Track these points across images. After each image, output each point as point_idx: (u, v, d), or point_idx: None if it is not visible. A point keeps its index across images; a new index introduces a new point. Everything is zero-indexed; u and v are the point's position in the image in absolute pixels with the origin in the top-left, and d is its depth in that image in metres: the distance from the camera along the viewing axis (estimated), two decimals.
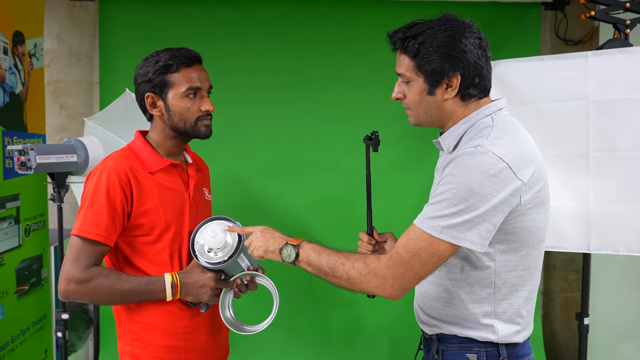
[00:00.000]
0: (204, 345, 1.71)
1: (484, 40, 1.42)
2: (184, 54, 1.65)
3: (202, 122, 1.69)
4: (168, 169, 1.68)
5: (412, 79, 1.43)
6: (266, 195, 3.49)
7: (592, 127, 2.39)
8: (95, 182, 1.57)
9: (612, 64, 2.34)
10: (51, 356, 3.10)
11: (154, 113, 1.68)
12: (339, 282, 1.44)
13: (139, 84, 1.67)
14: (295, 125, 3.57)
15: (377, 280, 1.36)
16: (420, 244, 1.31)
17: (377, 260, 1.38)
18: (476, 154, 1.29)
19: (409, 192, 3.55)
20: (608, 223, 2.41)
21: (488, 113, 1.42)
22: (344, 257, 1.43)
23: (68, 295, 1.55)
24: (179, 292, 1.60)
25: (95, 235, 1.54)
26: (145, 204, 1.61)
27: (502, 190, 1.28)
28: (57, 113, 3.75)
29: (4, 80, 2.65)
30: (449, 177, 1.31)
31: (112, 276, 1.57)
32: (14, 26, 2.75)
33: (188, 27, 3.54)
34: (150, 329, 1.65)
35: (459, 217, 1.28)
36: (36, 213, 2.94)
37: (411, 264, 1.33)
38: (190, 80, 1.64)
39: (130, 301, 1.61)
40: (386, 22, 3.53)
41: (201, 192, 1.80)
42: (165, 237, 1.63)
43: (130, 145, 1.71)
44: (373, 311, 3.59)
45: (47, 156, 2.25)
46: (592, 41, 3.70)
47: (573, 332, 3.79)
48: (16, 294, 2.72)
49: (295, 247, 1.48)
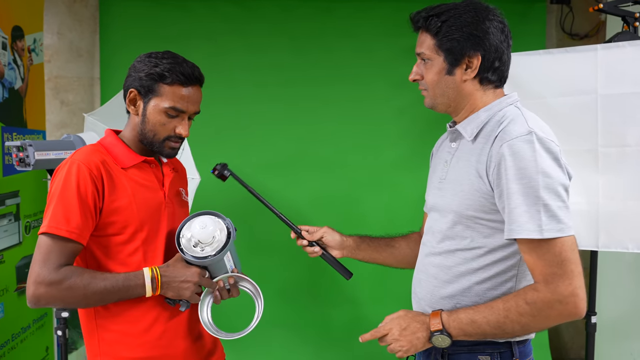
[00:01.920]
0: (182, 351, 1.59)
1: (507, 27, 1.42)
2: (184, 71, 1.54)
3: (170, 142, 1.58)
4: (141, 166, 1.59)
5: (431, 58, 1.41)
6: (268, 192, 3.42)
7: (601, 122, 2.34)
8: (65, 176, 1.45)
9: (621, 58, 2.29)
10: (52, 354, 3.08)
11: (131, 110, 1.59)
12: (513, 334, 1.35)
13: (130, 74, 1.59)
14: (297, 122, 3.54)
15: (556, 310, 1.27)
16: (556, 250, 1.27)
17: (535, 291, 1.29)
18: (535, 140, 1.28)
19: (413, 189, 3.51)
20: (617, 220, 2.37)
21: (510, 102, 1.42)
22: (500, 310, 1.31)
23: (38, 299, 1.41)
24: (159, 287, 1.48)
25: (65, 232, 1.41)
26: (117, 199, 1.50)
27: (565, 173, 1.32)
28: (58, 109, 3.72)
29: (3, 76, 2.62)
30: (519, 172, 1.28)
31: (86, 275, 1.43)
32: (13, 21, 2.72)
33: (189, 22, 3.51)
34: (124, 337, 1.53)
35: (553, 206, 1.27)
36: (36, 210, 2.91)
37: (569, 270, 1.27)
38: (176, 100, 1.54)
39: (108, 301, 1.48)
40: (388, 18, 3.54)
41: (177, 192, 1.69)
42: (138, 236, 1.52)
43: (101, 141, 1.61)
44: (376, 309, 3.56)
45: (45, 152, 2.21)
46: (599, 35, 3.65)
47: (578, 329, 3.75)
48: (16, 291, 2.70)
49: (443, 332, 1.35)
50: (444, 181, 1.48)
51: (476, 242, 1.39)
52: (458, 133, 1.47)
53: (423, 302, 1.51)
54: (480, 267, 1.39)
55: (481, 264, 1.38)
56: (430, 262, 1.50)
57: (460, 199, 1.39)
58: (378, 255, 1.80)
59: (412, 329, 1.39)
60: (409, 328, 1.39)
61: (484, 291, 1.39)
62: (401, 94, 3.49)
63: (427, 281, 1.49)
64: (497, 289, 1.38)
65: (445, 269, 1.44)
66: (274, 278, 3.45)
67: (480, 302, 1.38)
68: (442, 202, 1.47)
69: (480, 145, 1.38)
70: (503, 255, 1.37)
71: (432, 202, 1.55)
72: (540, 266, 1.28)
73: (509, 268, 1.38)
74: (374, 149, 3.54)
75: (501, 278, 1.38)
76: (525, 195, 1.26)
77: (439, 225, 1.47)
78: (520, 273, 1.38)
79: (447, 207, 1.44)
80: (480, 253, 1.38)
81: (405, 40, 3.53)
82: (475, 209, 1.37)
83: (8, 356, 2.60)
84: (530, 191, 1.26)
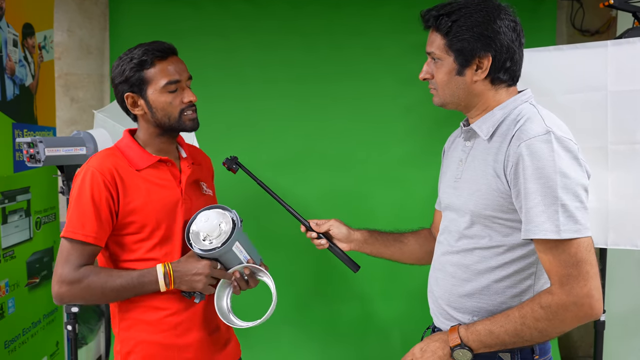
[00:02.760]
0: (197, 341, 1.66)
1: (519, 25, 1.39)
2: (157, 47, 1.59)
3: (186, 115, 1.63)
4: (157, 165, 1.65)
5: (442, 58, 1.39)
6: (277, 188, 3.42)
7: (611, 119, 2.32)
8: (80, 183, 1.56)
9: (632, 54, 2.27)
10: (62, 349, 3.10)
11: (137, 112, 1.64)
12: (532, 341, 1.33)
13: (116, 85, 1.63)
14: (306, 119, 3.53)
15: (571, 312, 1.26)
16: (572, 250, 1.25)
17: (550, 295, 1.28)
18: (553, 140, 1.26)
19: (421, 186, 3.51)
20: (627, 217, 2.35)
21: (525, 100, 1.40)
22: (516, 317, 1.30)
23: (62, 297, 1.54)
24: (172, 281, 1.56)
25: (81, 236, 1.52)
26: (133, 201, 1.58)
27: (584, 172, 1.30)
28: (68, 106, 3.75)
29: (14, 73, 2.64)
30: (536, 172, 1.26)
31: (103, 273, 1.55)
32: (24, 18, 2.74)
33: (199, 19, 3.51)
34: (141, 325, 1.63)
35: (571, 207, 1.25)
36: (47, 206, 2.94)
37: (584, 271, 1.25)
38: (167, 74, 1.59)
39: (124, 297, 1.59)
40: (397, 14, 3.53)
41: (197, 187, 1.75)
42: (156, 234, 1.60)
43: (118, 144, 1.68)
44: (384, 305, 3.56)
45: (56, 149, 2.23)
46: (609, 31, 3.62)
47: (587, 327, 3.72)
48: (27, 286, 2.72)
49: (464, 347, 1.34)
50: (459, 180, 1.46)
51: (495, 240, 1.38)
52: (473, 132, 1.45)
53: (441, 300, 1.50)
54: (498, 265, 1.38)
55: (500, 262, 1.37)
56: (447, 260, 1.48)
57: (477, 199, 1.38)
58: (386, 250, 1.79)
59: (432, 348, 1.38)
60: (429, 348, 1.39)
61: (502, 289, 1.38)
62: (409, 91, 3.48)
63: (445, 280, 1.48)
64: (516, 287, 1.37)
65: (464, 267, 1.43)
66: (281, 273, 3.45)
67: (499, 300, 1.38)
68: (458, 201, 1.46)
69: (497, 144, 1.37)
70: (522, 254, 1.36)
71: (447, 201, 1.53)
72: (555, 267, 1.27)
73: (528, 266, 1.37)
74: (382, 145, 3.53)
75: (520, 276, 1.37)
76: (543, 195, 1.25)
77: (456, 225, 1.46)
78: (539, 271, 1.36)
79: (463, 206, 1.43)
80: (499, 252, 1.37)
81: (414, 37, 3.51)
82: (493, 208, 1.35)
83: (19, 350, 2.62)
84: (548, 191, 1.25)
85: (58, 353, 3.05)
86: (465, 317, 1.43)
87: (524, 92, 1.43)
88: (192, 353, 1.65)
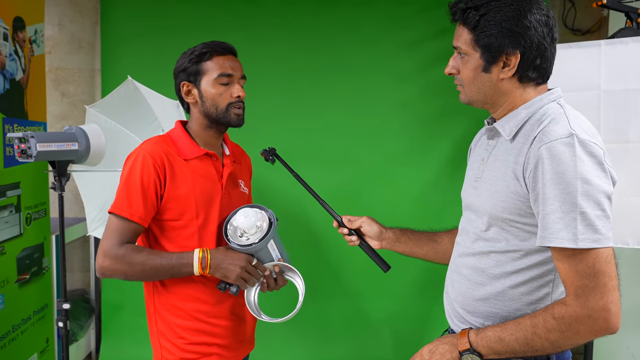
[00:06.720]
0: (227, 330, 1.76)
1: (552, 19, 1.31)
2: (218, 44, 1.74)
3: (234, 109, 1.72)
4: (203, 158, 1.73)
5: (468, 53, 1.33)
6: (270, 185, 3.47)
7: (603, 117, 2.34)
8: (132, 164, 1.64)
9: (625, 54, 2.29)
10: (52, 345, 3.08)
11: (189, 101, 1.74)
12: (544, 352, 1.26)
13: (176, 75, 1.75)
14: (299, 116, 3.54)
15: (585, 325, 1.20)
16: (590, 261, 1.19)
17: (563, 306, 1.22)
18: (575, 143, 1.19)
19: (413, 183, 3.53)
20: (618, 215, 2.34)
21: (553, 99, 1.33)
22: (527, 326, 1.25)
23: (104, 270, 1.61)
24: (208, 266, 1.62)
25: (127, 214, 1.60)
26: (178, 188, 1.66)
27: (609, 179, 1.24)
28: (59, 101, 3.72)
29: (4, 67, 2.61)
30: (556, 177, 1.19)
31: (144, 252, 1.62)
32: (14, 12, 2.71)
33: (191, 14, 3.50)
34: (174, 308, 1.71)
35: (591, 215, 1.18)
36: (37, 202, 2.91)
37: (601, 284, 1.19)
38: (222, 67, 1.71)
39: (162, 276, 1.65)
40: (390, 11, 3.52)
41: (236, 184, 1.82)
42: (194, 223, 1.68)
43: (170, 132, 1.77)
44: (376, 302, 3.57)
45: (47, 144, 2.21)
46: (601, 31, 3.65)
47: None
48: (17, 283, 2.70)
49: (473, 352, 1.30)
50: (479, 180, 1.41)
51: (511, 245, 1.32)
52: (496, 131, 1.39)
53: (455, 303, 1.46)
54: (514, 271, 1.32)
55: (516, 267, 1.32)
56: (463, 262, 1.44)
57: (495, 201, 1.33)
58: (419, 249, 1.75)
59: (440, 351, 1.35)
60: (438, 350, 1.35)
61: (518, 296, 1.33)
62: (403, 88, 3.49)
63: (460, 282, 1.44)
64: (532, 294, 1.32)
65: (479, 270, 1.39)
66: None
67: (515, 306, 1.33)
68: (477, 202, 1.40)
69: (519, 145, 1.30)
70: (540, 260, 1.30)
71: (467, 200, 1.48)
72: (571, 277, 1.21)
73: (546, 273, 1.31)
74: (375, 141, 3.54)
75: (537, 283, 1.31)
76: (562, 202, 1.18)
77: (474, 226, 1.42)
78: (557, 279, 1.30)
79: (482, 207, 1.38)
80: (516, 257, 1.32)
81: (408, 34, 3.55)
82: (511, 211, 1.30)
83: (9, 347, 2.60)
84: (567, 197, 1.18)
85: (48, 350, 3.03)
86: (479, 321, 1.39)
87: (553, 90, 1.36)
88: (222, 340, 1.75)
